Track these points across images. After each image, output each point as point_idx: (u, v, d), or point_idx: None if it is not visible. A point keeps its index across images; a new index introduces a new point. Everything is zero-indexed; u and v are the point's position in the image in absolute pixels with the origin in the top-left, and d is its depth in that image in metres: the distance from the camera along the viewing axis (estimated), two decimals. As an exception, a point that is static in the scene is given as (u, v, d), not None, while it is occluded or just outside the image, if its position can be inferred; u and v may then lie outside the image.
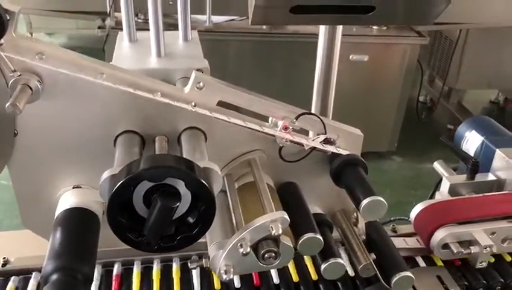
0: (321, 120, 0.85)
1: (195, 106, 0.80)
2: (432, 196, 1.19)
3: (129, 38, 1.13)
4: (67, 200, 0.82)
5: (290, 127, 0.84)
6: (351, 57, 3.14)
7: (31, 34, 5.13)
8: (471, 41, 3.70)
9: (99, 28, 2.95)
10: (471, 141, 1.19)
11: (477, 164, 1.06)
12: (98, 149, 0.81)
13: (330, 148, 0.87)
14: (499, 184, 1.07)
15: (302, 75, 2.78)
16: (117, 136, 0.80)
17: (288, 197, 0.89)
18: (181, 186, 0.66)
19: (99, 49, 2.91)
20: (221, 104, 0.84)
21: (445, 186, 1.11)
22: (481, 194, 1.02)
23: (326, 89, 1.13)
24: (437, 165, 1.18)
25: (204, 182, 0.64)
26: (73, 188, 0.84)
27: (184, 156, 0.75)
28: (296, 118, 0.84)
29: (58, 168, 0.83)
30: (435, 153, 3.81)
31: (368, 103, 3.45)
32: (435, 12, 1.07)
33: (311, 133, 0.92)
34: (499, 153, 1.08)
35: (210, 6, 2.97)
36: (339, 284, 0.96)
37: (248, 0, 1.01)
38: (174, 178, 0.64)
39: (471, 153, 1.18)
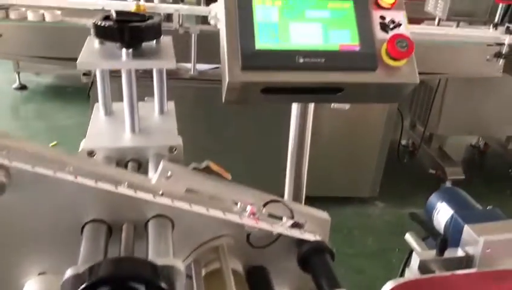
0: (288, 207, 0.86)
1: (162, 194, 0.81)
2: (403, 271, 1.20)
3: (105, 112, 1.14)
4: (31, 287, 0.81)
5: (257, 214, 0.85)
6: (332, 105, 3.19)
7: (18, 73, 5.16)
8: (451, 89, 3.79)
9: (84, 74, 2.98)
10: (442, 213, 1.21)
11: (445, 241, 1.07)
12: (64, 237, 0.81)
13: (297, 234, 0.88)
14: (467, 260, 1.09)
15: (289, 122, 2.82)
16: (84, 225, 0.81)
17: (257, 282, 0.89)
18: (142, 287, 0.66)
19: (86, 89, 2.94)
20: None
21: (415, 261, 1.12)
22: (449, 273, 1.03)
23: (299, 166, 1.15)
24: (408, 238, 1.19)
25: (165, 287, 0.64)
26: (38, 274, 0.84)
27: (150, 248, 0.75)
28: (264, 205, 0.85)
29: (24, 256, 0.83)
30: (416, 197, 3.85)
31: (349, 149, 3.49)
32: (404, 93, 1.10)
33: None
34: (467, 229, 1.10)
35: (195, 55, 3.02)
36: None
37: (222, 79, 1.04)
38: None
39: (442, 225, 1.20)
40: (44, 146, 0.77)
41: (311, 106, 1.14)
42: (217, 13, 0.99)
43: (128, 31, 0.99)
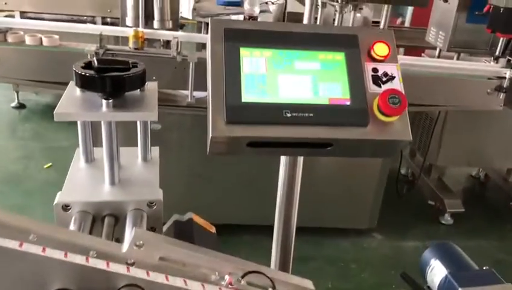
0: (269, 277, 0.81)
1: (133, 263, 0.76)
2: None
3: (85, 159, 1.10)
4: None
5: (236, 284, 0.80)
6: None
7: (17, 92, 5.15)
8: (451, 120, 3.75)
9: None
10: (436, 271, 1.16)
11: (438, 305, 1.02)
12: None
13: (278, 305, 0.83)
14: (461, 327, 1.03)
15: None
16: (49, 294, 0.76)
17: None
18: None
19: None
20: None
21: (406, 325, 1.06)
22: None
23: (288, 218, 1.10)
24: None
25: None
26: None
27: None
28: (242, 277, 0.80)
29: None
30: (415, 229, 3.78)
31: (347, 178, 3.43)
32: (396, 149, 1.06)
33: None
34: (461, 293, 1.05)
35: (192, 82, 2.99)
36: None
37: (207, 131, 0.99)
38: None
39: (436, 284, 1.15)
40: (8, 213, 0.72)
41: (301, 159, 1.10)
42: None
43: (109, 81, 0.95)
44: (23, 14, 4.74)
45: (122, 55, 2.84)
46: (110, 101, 0.94)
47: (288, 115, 0.97)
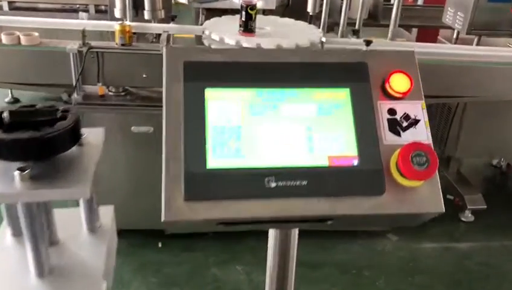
0: None
1: None
2: None
3: (12, 232, 0.84)
4: None
5: None
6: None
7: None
8: (471, 109, 3.46)
9: (65, 103, 2.69)
10: None
11: None
12: None
13: None
14: None
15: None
16: None
17: None
18: None
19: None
20: None
21: None
22: None
23: None
24: None
25: None
26: None
27: None
28: None
29: None
30: (433, 228, 3.50)
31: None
32: (422, 220, 0.78)
33: None
34: None
35: (185, 80, 2.71)
36: None
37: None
38: None
39: None
40: None
41: (295, 232, 0.83)
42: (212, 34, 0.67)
43: (23, 144, 0.68)
44: (12, 4, 4.47)
45: (109, 53, 2.57)
46: (26, 172, 0.68)
47: (273, 184, 0.70)
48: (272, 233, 0.81)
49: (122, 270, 2.90)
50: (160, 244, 3.08)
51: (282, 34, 2.40)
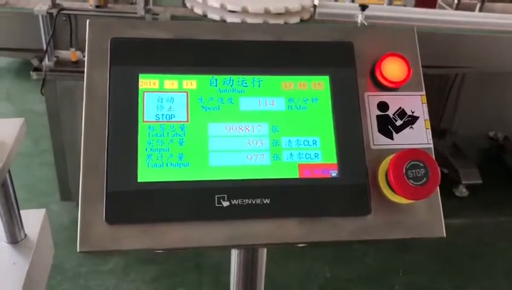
0: None
1: None
2: None
3: None
4: None
5: None
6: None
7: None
8: (469, 81, 3.32)
9: (35, 70, 2.49)
10: None
11: None
12: None
13: None
14: None
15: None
16: None
17: None
18: None
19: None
20: None
21: None
22: None
23: None
24: None
25: None
26: None
27: None
28: None
29: None
30: (425, 203, 3.40)
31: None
32: (418, 242, 0.62)
33: None
34: None
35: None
36: None
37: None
38: None
39: None
40: None
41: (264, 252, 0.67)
42: None
43: None
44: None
45: (82, 15, 2.37)
46: None
47: (225, 203, 0.53)
48: (234, 254, 0.66)
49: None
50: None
51: (273, -3, 2.19)
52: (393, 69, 0.58)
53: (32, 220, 0.73)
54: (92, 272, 2.56)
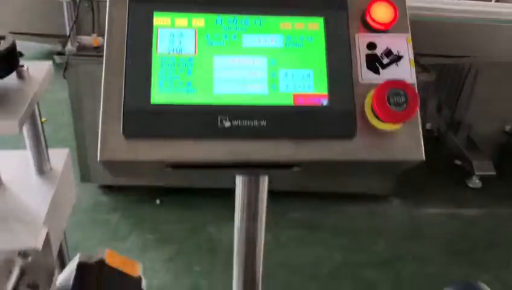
0: None
1: None
2: None
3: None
4: None
5: None
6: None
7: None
8: (484, 71, 3.30)
9: (58, 54, 2.61)
10: (454, 327, 0.82)
11: None
12: None
13: None
14: None
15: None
16: None
17: None
18: None
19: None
20: None
21: None
22: None
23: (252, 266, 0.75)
24: None
25: None
26: None
27: None
28: None
29: None
30: (438, 193, 3.40)
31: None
32: (400, 169, 0.69)
33: None
34: None
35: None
36: None
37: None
38: None
39: None
40: None
41: (265, 179, 0.74)
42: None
43: None
44: None
45: (104, 1, 2.47)
46: None
47: (227, 124, 0.61)
48: (239, 181, 0.73)
49: (119, 225, 2.88)
50: (158, 201, 3.06)
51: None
52: (381, 12, 0.65)
53: (57, 157, 0.82)
54: (110, 250, 2.65)
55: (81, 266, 0.73)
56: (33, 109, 0.72)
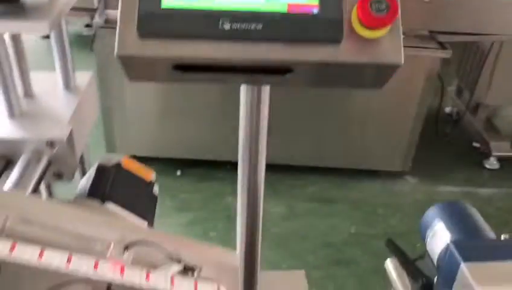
0: (165, 249, 0.58)
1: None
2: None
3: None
4: None
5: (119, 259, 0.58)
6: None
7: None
8: (506, 52, 3.28)
9: (86, 26, 2.73)
10: (438, 237, 0.89)
11: (429, 287, 0.76)
12: None
13: (184, 286, 0.60)
14: (459, 316, 0.78)
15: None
16: None
17: None
18: None
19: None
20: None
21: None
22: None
23: (254, 169, 0.84)
24: (389, 267, 0.88)
25: None
26: None
27: None
28: (125, 249, 0.58)
29: None
30: (454, 173, 3.43)
31: (378, 115, 3.09)
32: (383, 77, 0.77)
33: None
34: (463, 270, 0.78)
35: None
36: None
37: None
38: None
39: (435, 254, 0.88)
40: None
41: (266, 89, 0.83)
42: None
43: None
44: None
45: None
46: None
47: (227, 26, 0.70)
48: (243, 90, 0.82)
49: (140, 194, 3.00)
50: (179, 173, 3.17)
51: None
52: None
53: (82, 76, 0.93)
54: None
55: (100, 168, 0.82)
56: (60, 20, 0.82)
